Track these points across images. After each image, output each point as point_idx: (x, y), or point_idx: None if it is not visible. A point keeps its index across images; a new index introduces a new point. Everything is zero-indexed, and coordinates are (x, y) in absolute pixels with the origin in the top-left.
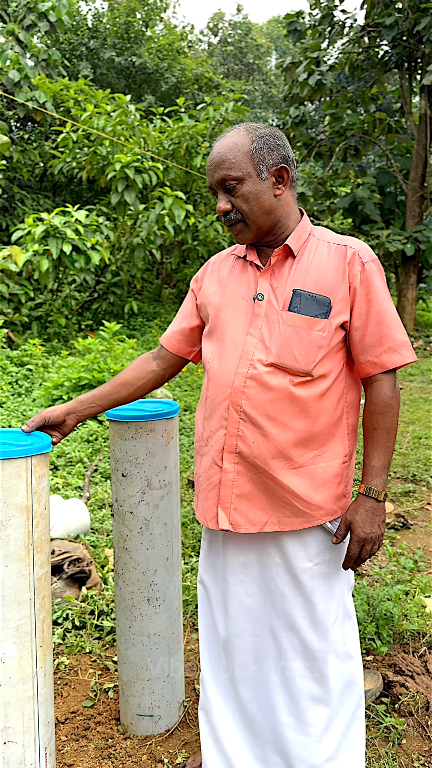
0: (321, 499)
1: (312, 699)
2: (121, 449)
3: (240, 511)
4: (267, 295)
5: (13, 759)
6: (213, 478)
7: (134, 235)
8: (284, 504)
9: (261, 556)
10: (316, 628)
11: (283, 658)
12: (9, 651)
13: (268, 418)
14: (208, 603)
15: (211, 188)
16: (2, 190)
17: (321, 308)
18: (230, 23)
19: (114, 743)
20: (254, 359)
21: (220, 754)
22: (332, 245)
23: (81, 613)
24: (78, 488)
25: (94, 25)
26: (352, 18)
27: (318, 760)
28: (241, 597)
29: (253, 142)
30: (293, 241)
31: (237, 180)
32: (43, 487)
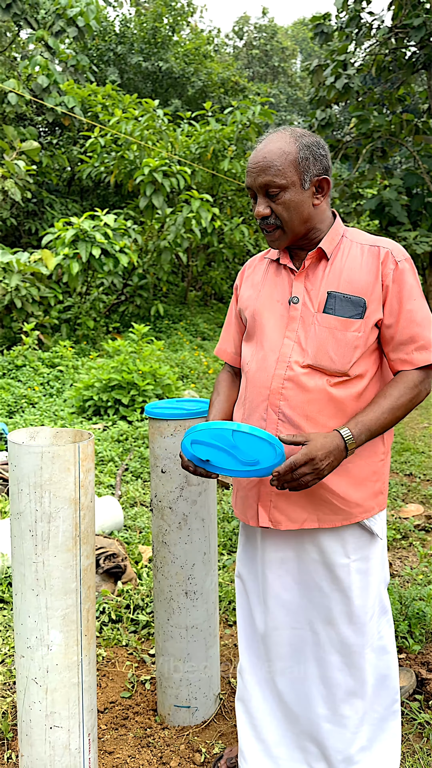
0: (359, 497)
1: (348, 692)
2: (161, 446)
3: (279, 509)
4: (302, 298)
5: (59, 743)
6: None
7: (161, 238)
8: (323, 502)
9: (299, 552)
10: (353, 623)
11: (320, 650)
12: (56, 639)
13: (306, 419)
14: (246, 597)
15: (249, 189)
16: (32, 195)
17: (356, 309)
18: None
19: (152, 733)
20: (291, 361)
21: (259, 741)
22: (365, 246)
23: (117, 607)
24: (110, 486)
25: (122, 30)
26: (379, 19)
27: (353, 750)
28: (280, 591)
29: (300, 150)
30: (326, 243)
31: (280, 188)
32: (89, 480)
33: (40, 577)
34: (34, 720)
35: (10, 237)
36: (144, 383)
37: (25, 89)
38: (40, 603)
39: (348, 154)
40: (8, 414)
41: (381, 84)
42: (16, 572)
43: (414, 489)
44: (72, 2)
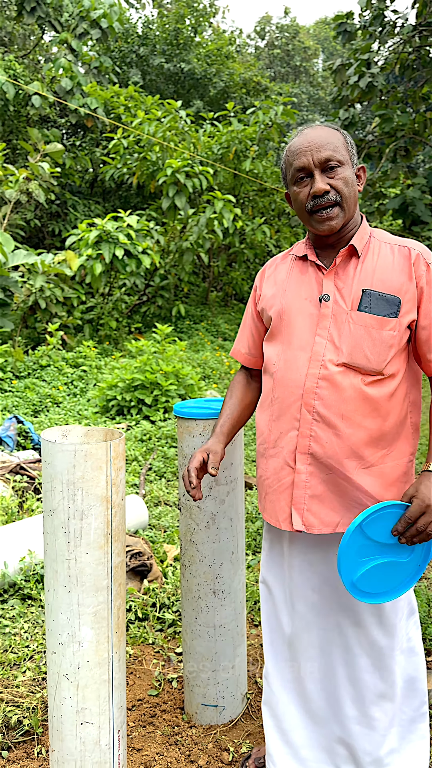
0: (391, 497)
1: (377, 694)
2: (189, 445)
3: (313, 512)
4: (333, 296)
5: (89, 739)
6: (285, 479)
7: (183, 239)
8: (356, 504)
9: (327, 554)
10: (383, 625)
11: (349, 653)
12: (87, 635)
13: (342, 418)
14: (272, 602)
15: (302, 170)
16: (55, 197)
17: (391, 308)
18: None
19: (180, 731)
20: (325, 360)
21: (286, 745)
22: (394, 246)
23: (143, 605)
24: (134, 485)
25: (144, 32)
26: (403, 17)
27: (382, 752)
28: (308, 593)
29: (345, 137)
30: (357, 241)
31: (340, 163)
32: (120, 479)
33: (72, 574)
34: (65, 716)
35: (34, 238)
36: (167, 383)
37: (49, 91)
38: (72, 600)
39: (371, 154)
40: (33, 413)
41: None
42: (48, 569)
43: None
44: (95, 4)
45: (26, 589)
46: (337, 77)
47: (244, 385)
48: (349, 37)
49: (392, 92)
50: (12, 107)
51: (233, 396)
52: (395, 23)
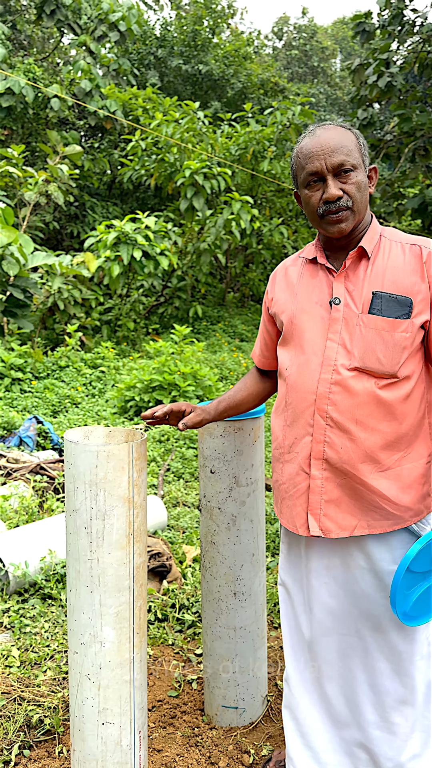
0: (409, 500)
1: (398, 700)
2: (210, 446)
3: (330, 517)
4: (343, 299)
5: (111, 739)
6: (300, 485)
7: (201, 240)
8: (373, 507)
9: (345, 559)
10: (403, 630)
11: (369, 657)
12: (109, 636)
13: (355, 423)
14: (291, 605)
15: (314, 174)
16: (74, 198)
17: (402, 309)
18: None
19: (200, 732)
20: (337, 364)
21: (307, 749)
22: (405, 245)
23: (162, 606)
24: (152, 486)
25: (162, 34)
26: (422, 16)
27: (404, 758)
28: (326, 599)
29: (358, 137)
30: (367, 242)
31: (353, 167)
32: (142, 480)
33: (95, 574)
34: (87, 716)
35: (53, 240)
36: (185, 384)
37: (68, 94)
38: (94, 600)
39: (389, 154)
40: (53, 414)
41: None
42: (70, 569)
43: None
44: (114, 7)
45: (47, 588)
46: (356, 77)
47: (255, 377)
48: (368, 37)
49: (411, 91)
50: (31, 110)
51: (241, 382)
52: (414, 22)
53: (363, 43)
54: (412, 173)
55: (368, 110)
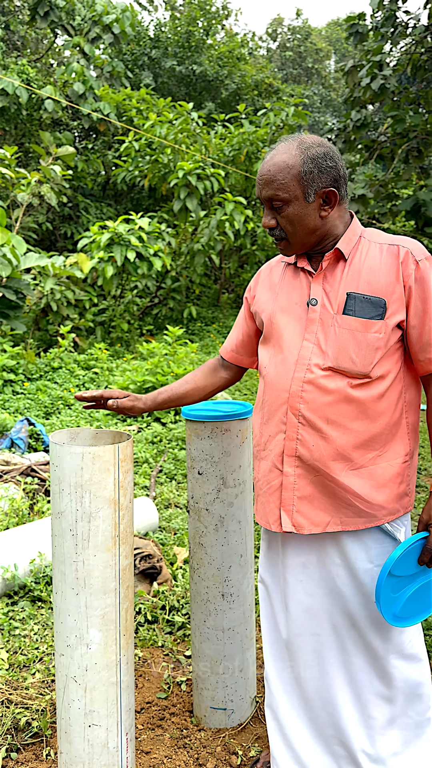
0: (383, 499)
1: (375, 694)
2: (198, 448)
3: (302, 513)
4: (320, 300)
5: (97, 742)
6: (273, 481)
7: (195, 241)
8: (346, 505)
9: (321, 556)
10: (378, 628)
11: (345, 653)
12: (95, 638)
13: (327, 422)
14: (270, 603)
15: (259, 200)
16: (67, 199)
17: (376, 310)
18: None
19: (189, 734)
20: (311, 364)
21: (288, 749)
22: (384, 246)
23: (153, 607)
24: (144, 488)
25: (156, 35)
26: (415, 18)
27: (383, 753)
28: (302, 597)
29: (303, 164)
30: (344, 244)
31: (283, 201)
32: (128, 481)
33: (80, 576)
34: (74, 718)
35: (46, 241)
36: None
37: (62, 95)
38: (80, 602)
39: (383, 155)
40: (45, 415)
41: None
42: (56, 571)
43: None
44: (108, 9)
45: (36, 591)
46: (349, 79)
47: (207, 371)
48: (361, 39)
49: (404, 93)
50: (25, 111)
51: (190, 375)
52: (407, 24)
53: (356, 44)
54: (405, 174)
55: (362, 111)
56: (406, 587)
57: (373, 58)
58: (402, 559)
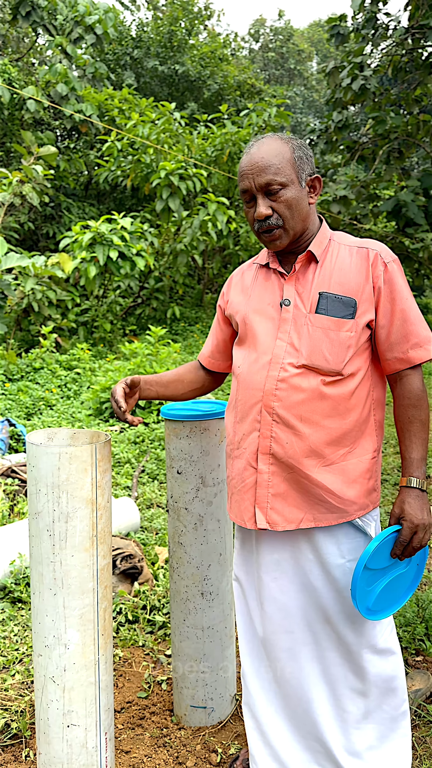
0: (353, 494)
1: (349, 688)
2: (177, 447)
3: (276, 510)
4: (293, 300)
5: (76, 742)
6: (248, 479)
7: (178, 241)
8: (319, 501)
9: (294, 553)
10: (350, 623)
11: (319, 649)
12: (73, 638)
13: (300, 419)
14: (245, 601)
15: (246, 192)
16: (49, 199)
17: (347, 309)
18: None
19: (168, 733)
20: (285, 363)
21: (266, 746)
22: (353, 248)
23: (134, 607)
24: (126, 488)
25: (138, 34)
26: (396, 20)
27: (358, 747)
28: (276, 594)
29: (294, 150)
30: (315, 246)
31: (282, 185)
32: (106, 481)
33: (58, 577)
34: (52, 718)
35: (28, 241)
36: None
37: (44, 95)
38: (58, 602)
39: (365, 155)
40: (26, 416)
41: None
42: (34, 572)
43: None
44: (90, 10)
45: (16, 592)
46: (331, 80)
47: (191, 368)
48: (342, 40)
49: (385, 94)
50: (6, 110)
51: (177, 369)
52: (388, 26)
53: (338, 45)
54: (387, 175)
55: (343, 113)
56: (378, 580)
57: (354, 59)
58: (376, 552)
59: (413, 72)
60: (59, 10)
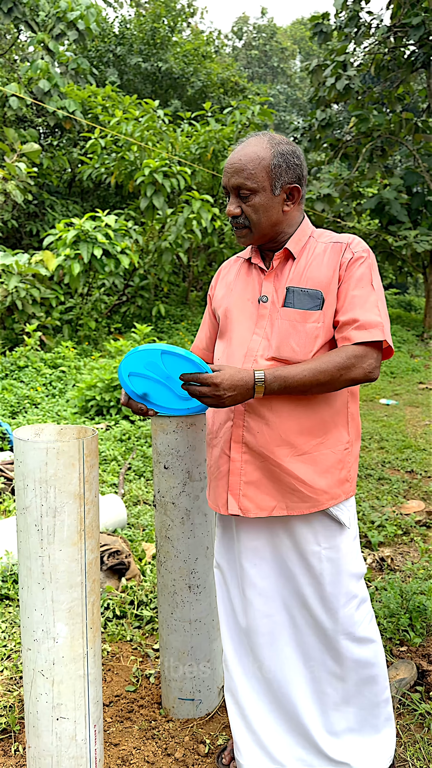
0: (325, 484)
1: (327, 672)
2: (164, 442)
3: (249, 497)
4: (271, 297)
5: (65, 734)
6: (223, 467)
7: (162, 238)
8: (291, 490)
9: (272, 540)
10: (326, 609)
11: (299, 633)
12: (62, 632)
13: (270, 409)
14: (226, 588)
15: (225, 188)
16: (33, 197)
17: (313, 301)
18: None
19: (157, 725)
20: (257, 355)
21: (250, 732)
22: (329, 244)
23: (121, 603)
24: (113, 485)
25: (121, 31)
26: (378, 18)
27: (337, 728)
28: (256, 580)
29: (274, 157)
30: (292, 244)
31: (251, 191)
32: (93, 476)
33: (46, 571)
34: (41, 711)
35: (12, 239)
36: None
37: (26, 92)
38: (46, 596)
39: (348, 153)
40: (11, 415)
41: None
42: (22, 566)
43: (415, 486)
44: (72, 6)
45: (3, 589)
46: (314, 78)
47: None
48: (325, 38)
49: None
50: None
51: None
52: (370, 24)
53: (321, 44)
54: (370, 173)
55: (326, 111)
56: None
57: (337, 58)
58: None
59: (396, 70)
60: (41, 6)
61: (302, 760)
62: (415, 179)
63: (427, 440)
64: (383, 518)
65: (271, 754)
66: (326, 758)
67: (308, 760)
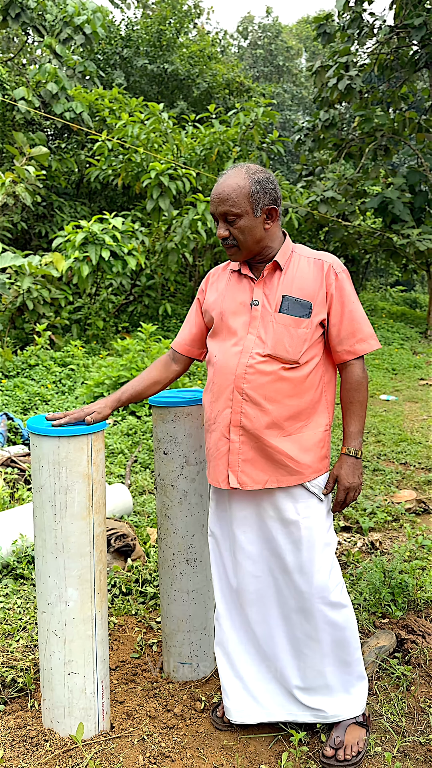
0: (309, 460)
1: (304, 634)
2: (163, 431)
3: (246, 473)
4: (261, 301)
5: (76, 687)
6: (222, 448)
7: (168, 239)
8: (281, 465)
9: (258, 510)
10: (303, 573)
11: (280, 595)
12: (72, 596)
13: (265, 398)
14: (219, 552)
15: (213, 215)
16: (41, 199)
17: (304, 310)
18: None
19: (158, 686)
20: (253, 352)
21: (237, 679)
22: (311, 260)
23: (127, 581)
24: (120, 476)
25: (127, 34)
26: (381, 19)
27: (313, 684)
28: (245, 545)
29: (252, 185)
30: (280, 257)
31: (236, 215)
32: (100, 459)
33: (59, 542)
34: (55, 667)
35: (21, 240)
36: None
37: (34, 96)
38: (59, 564)
39: (351, 153)
40: (23, 411)
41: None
42: (38, 538)
43: (408, 476)
44: (79, 10)
45: (19, 569)
46: (317, 79)
47: (162, 366)
48: (329, 39)
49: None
50: None
51: (147, 371)
52: (373, 25)
53: (325, 44)
54: (373, 172)
55: (330, 111)
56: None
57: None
58: None
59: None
60: (48, 10)
61: (282, 706)
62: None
63: (423, 434)
64: (375, 506)
65: (256, 698)
66: (304, 706)
67: (288, 707)
